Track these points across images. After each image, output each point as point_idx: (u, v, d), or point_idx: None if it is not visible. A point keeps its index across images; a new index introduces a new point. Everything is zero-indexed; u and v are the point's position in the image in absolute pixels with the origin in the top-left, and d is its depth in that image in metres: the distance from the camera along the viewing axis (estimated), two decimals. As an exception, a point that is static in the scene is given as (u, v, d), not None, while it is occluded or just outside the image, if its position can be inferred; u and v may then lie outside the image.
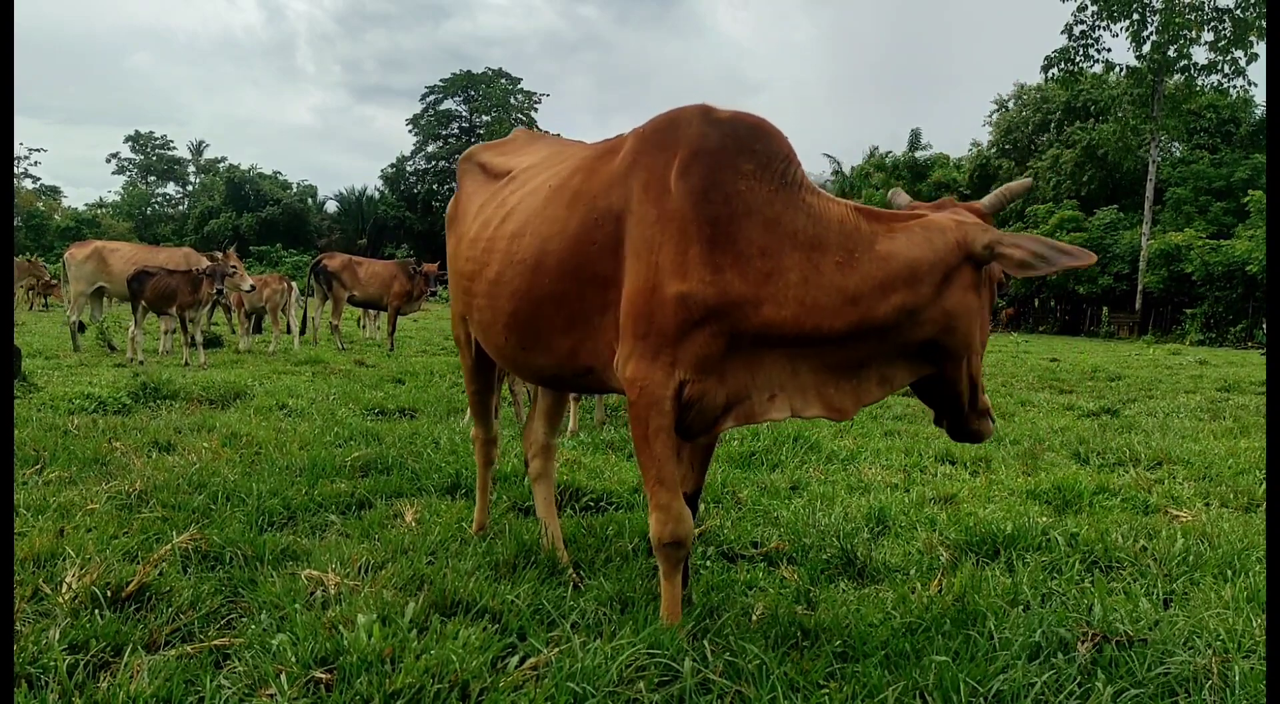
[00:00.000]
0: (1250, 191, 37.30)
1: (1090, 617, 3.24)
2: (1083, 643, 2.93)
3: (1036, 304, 47.45)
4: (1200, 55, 40.50)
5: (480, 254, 3.67)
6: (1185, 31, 39.62)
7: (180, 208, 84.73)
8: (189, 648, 2.91)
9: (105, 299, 15.90)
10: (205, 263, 14.75)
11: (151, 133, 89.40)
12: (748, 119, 3.17)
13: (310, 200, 76.49)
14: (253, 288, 13.78)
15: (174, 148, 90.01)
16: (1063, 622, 3.18)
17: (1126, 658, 2.83)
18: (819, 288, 2.99)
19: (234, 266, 13.24)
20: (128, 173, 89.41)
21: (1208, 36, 39.97)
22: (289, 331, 16.48)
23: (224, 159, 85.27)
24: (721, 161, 3.05)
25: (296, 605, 3.20)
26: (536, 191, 3.52)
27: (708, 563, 4.08)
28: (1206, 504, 5.46)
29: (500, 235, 3.56)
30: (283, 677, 2.64)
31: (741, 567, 4.08)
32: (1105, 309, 43.18)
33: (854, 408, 3.19)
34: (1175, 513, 5.08)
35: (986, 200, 3.16)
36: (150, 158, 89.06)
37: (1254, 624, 3.23)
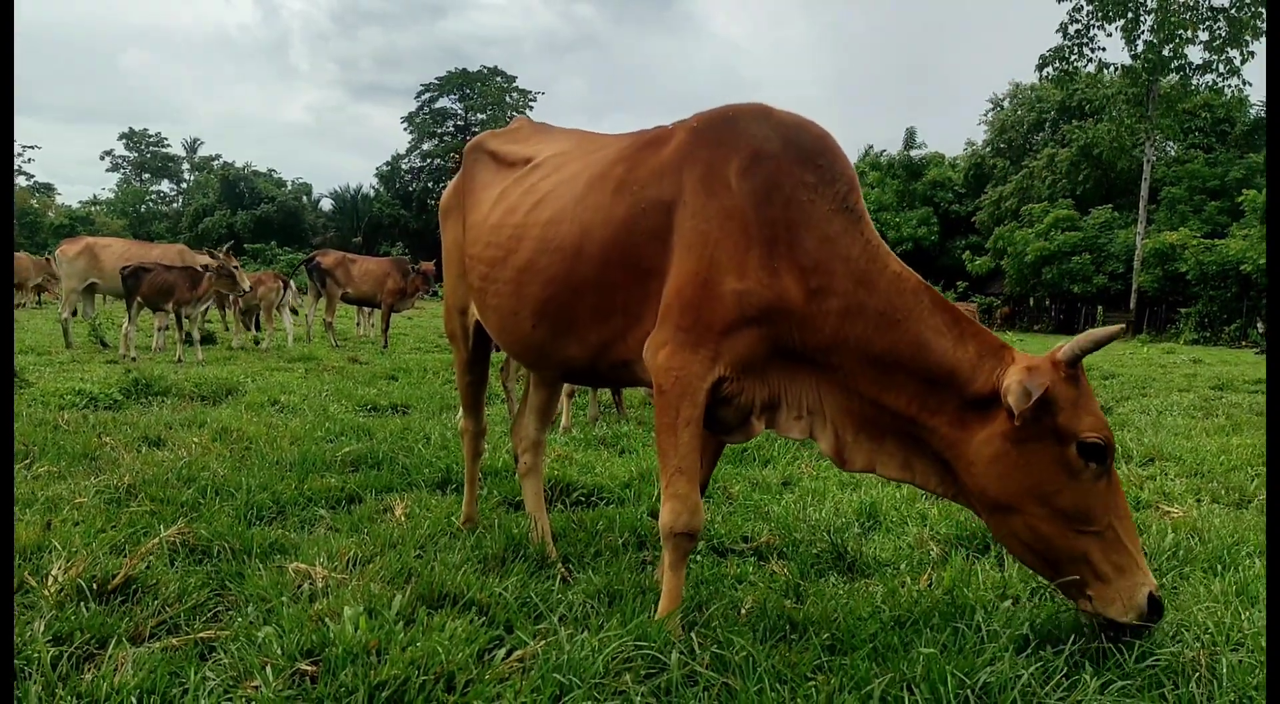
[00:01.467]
0: (1245, 191, 37.31)
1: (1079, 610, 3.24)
2: (1073, 636, 2.92)
3: (1031, 303, 47.46)
4: (1195, 55, 40.66)
5: (506, 240, 3.60)
6: (1180, 31, 39.64)
7: (175, 205, 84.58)
8: (174, 640, 2.90)
9: (99, 296, 15.87)
10: (200, 260, 14.76)
11: (146, 130, 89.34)
12: (813, 129, 3.17)
13: (305, 198, 76.39)
14: (249, 289, 13.80)
15: (168, 145, 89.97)
16: (1052, 615, 3.18)
17: (1114, 651, 2.82)
18: (855, 327, 3.02)
19: (236, 266, 13.25)
20: (122, 170, 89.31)
21: (1203, 36, 39.98)
22: (284, 328, 16.47)
23: (218, 157, 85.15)
24: (783, 167, 3.06)
25: (283, 598, 3.19)
26: (575, 179, 3.46)
27: (698, 557, 4.07)
28: (1198, 500, 5.46)
29: (533, 222, 3.50)
30: (268, 669, 2.62)
31: (732, 561, 4.08)
32: (1100, 308, 43.18)
33: (861, 466, 3.18)
34: (1167, 509, 5.08)
35: (1062, 349, 2.92)
36: (145, 155, 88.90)
37: (1242, 618, 3.23)
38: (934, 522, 4.65)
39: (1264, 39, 38.92)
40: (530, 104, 77.12)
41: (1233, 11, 39.33)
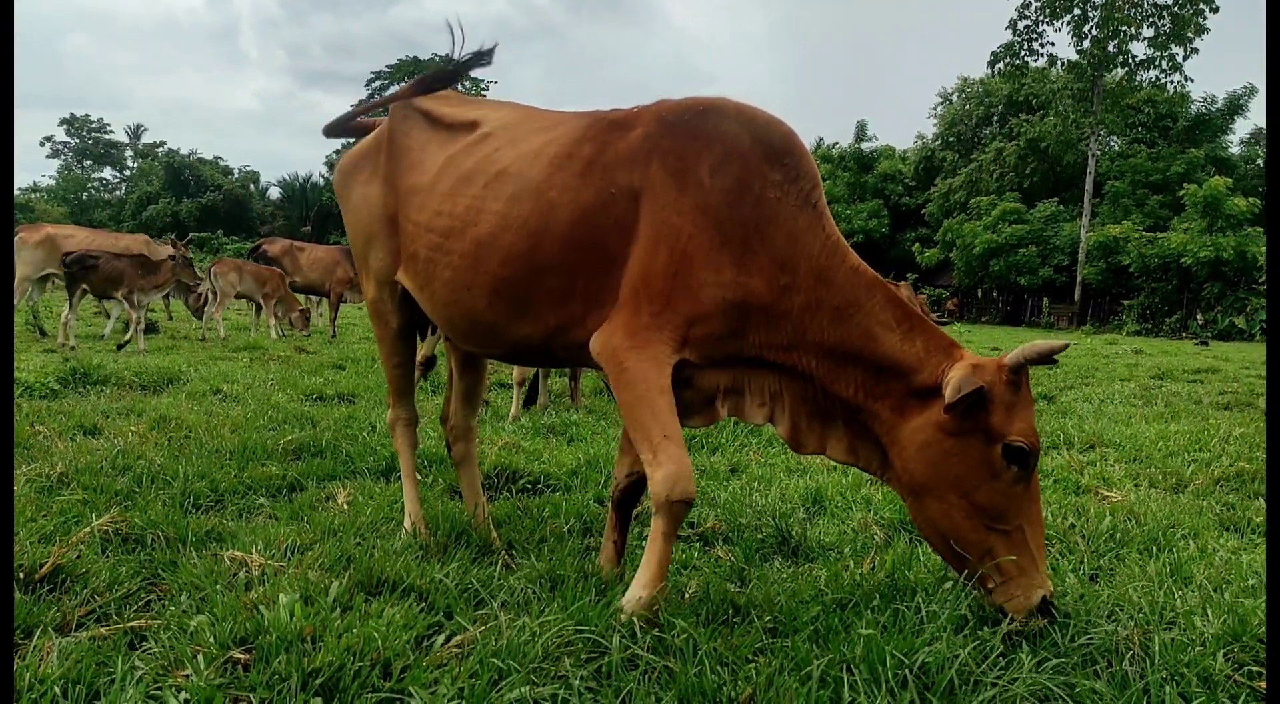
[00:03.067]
0: (1186, 185, 38.13)
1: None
2: (1009, 616, 2.95)
3: (979, 295, 48.15)
4: (1139, 50, 41.36)
5: (463, 211, 3.43)
6: (1124, 27, 40.37)
7: (117, 193, 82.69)
8: (103, 630, 2.82)
9: (48, 285, 15.47)
10: (164, 251, 14.55)
11: (88, 116, 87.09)
12: (781, 128, 3.21)
13: (253, 186, 75.18)
14: (199, 281, 13.68)
15: (111, 132, 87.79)
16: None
17: (1050, 630, 2.86)
18: (813, 321, 3.11)
19: (187, 258, 13.12)
20: (63, 157, 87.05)
21: (1147, 32, 40.79)
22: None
23: (163, 143, 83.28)
24: (753, 165, 3.09)
25: (218, 586, 3.12)
26: (538, 155, 3.34)
27: (643, 544, 4.05)
28: (1136, 485, 5.56)
29: (494, 196, 3.36)
30: (199, 657, 2.56)
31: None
32: (1046, 300, 43.94)
33: (813, 449, 3.26)
34: (1105, 493, 5.16)
35: (1009, 356, 2.97)
36: (86, 142, 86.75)
37: (1175, 597, 3.29)
38: (878, 506, 4.68)
39: (1200, 37, 39.74)
40: (483, 93, 76.44)
41: (1175, 8, 40.12)
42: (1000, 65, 43.99)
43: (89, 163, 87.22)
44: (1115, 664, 2.71)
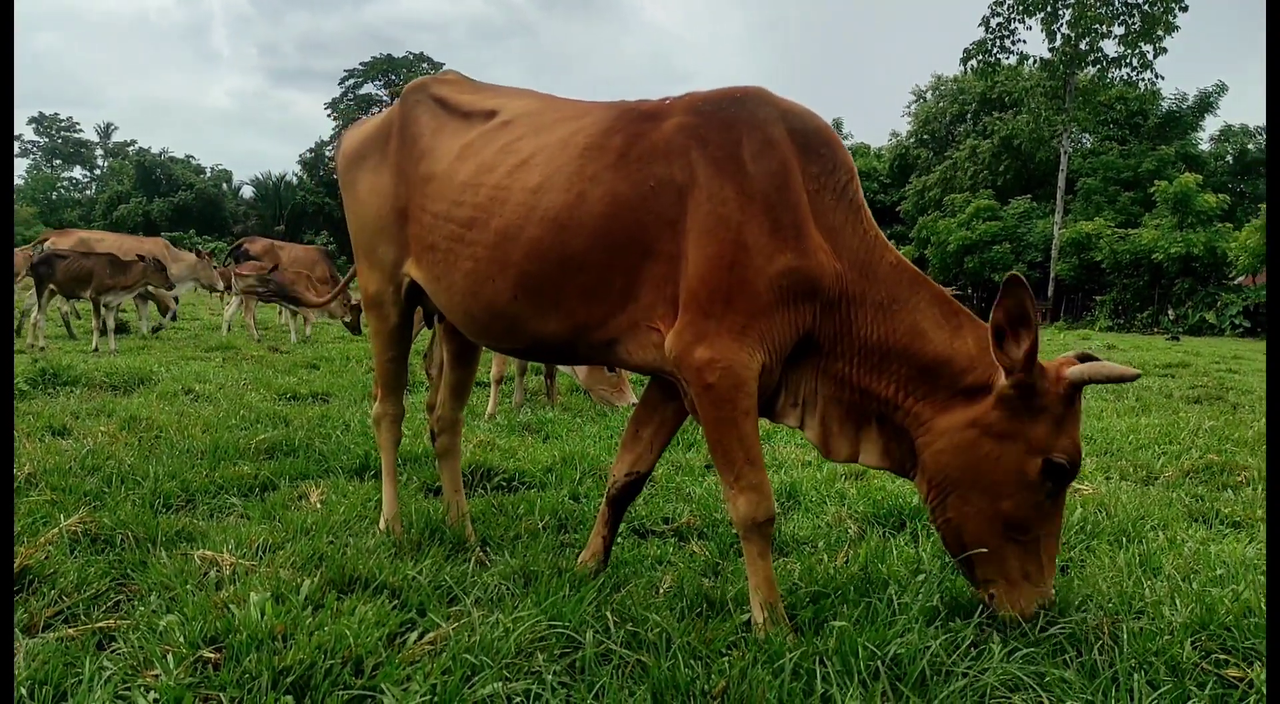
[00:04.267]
0: (1156, 182, 38.52)
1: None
2: (980, 607, 2.98)
3: (954, 292, 48.45)
4: (1110, 48, 41.74)
5: (485, 201, 3.29)
6: (1096, 25, 40.74)
7: (87, 193, 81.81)
8: (71, 631, 2.80)
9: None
10: (187, 258, 15.24)
11: (56, 115, 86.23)
12: (814, 119, 3.15)
13: (225, 185, 74.53)
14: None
15: (80, 130, 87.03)
16: (961, 588, 3.23)
17: (1020, 620, 2.88)
18: (858, 315, 3.04)
19: (214, 265, 13.41)
20: (31, 156, 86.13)
21: (1118, 30, 41.17)
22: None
23: (134, 142, 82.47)
24: (790, 154, 3.02)
25: (188, 586, 3.09)
26: (565, 145, 3.21)
27: (619, 540, 4.05)
28: (1107, 478, 5.61)
29: (518, 186, 3.22)
30: (169, 657, 2.54)
31: (652, 542, 4.07)
32: (1019, 296, 44.21)
33: (846, 455, 3.18)
34: (1077, 486, 5.20)
35: (1074, 370, 2.87)
36: (55, 141, 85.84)
37: (1144, 587, 3.33)
38: (852, 501, 4.70)
39: (1170, 35, 40.16)
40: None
41: (1145, 7, 40.51)
42: (973, 62, 44.25)
43: (58, 162, 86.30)
44: (1085, 653, 2.73)
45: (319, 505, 4.35)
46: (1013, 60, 44.17)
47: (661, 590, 3.33)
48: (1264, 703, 2.47)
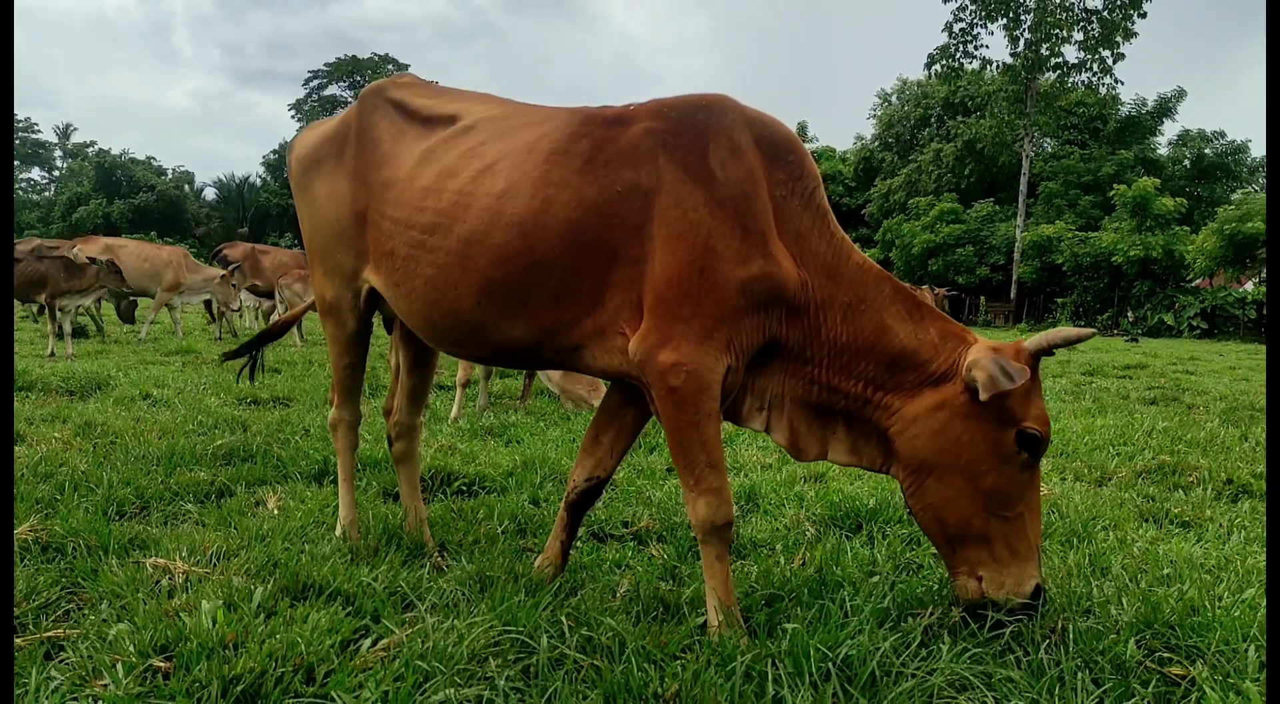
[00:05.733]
0: (1116, 186, 39.10)
1: (940, 584, 3.35)
2: (931, 608, 3.02)
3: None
4: (1071, 54, 42.35)
5: (448, 207, 3.26)
6: (1056, 30, 41.31)
7: (46, 194, 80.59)
8: (19, 640, 2.76)
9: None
10: (210, 270, 16.08)
11: (14, 115, 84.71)
12: (781, 127, 3.18)
13: (187, 187, 73.62)
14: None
15: (38, 131, 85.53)
16: (913, 590, 3.27)
17: (969, 620, 2.92)
18: (826, 318, 3.08)
19: (234, 284, 13.59)
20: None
21: (1078, 36, 41.77)
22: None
23: (93, 143, 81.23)
24: (757, 162, 3.05)
25: (140, 594, 3.06)
26: (531, 150, 3.20)
27: (578, 543, 4.06)
28: (1062, 478, 5.69)
29: (483, 191, 3.20)
30: (118, 666, 2.52)
31: (611, 546, 4.08)
32: (983, 299, 44.71)
33: (815, 454, 3.21)
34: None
35: (1031, 341, 2.99)
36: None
37: (1092, 586, 3.38)
38: (810, 503, 4.74)
39: (1129, 42, 40.75)
40: (423, 93, 75.73)
41: (1105, 13, 41.14)
42: (937, 67, 44.70)
43: (16, 163, 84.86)
44: (1032, 653, 2.78)
45: (276, 511, 4.32)
46: (976, 65, 44.67)
47: (618, 594, 3.34)
48: (1205, 702, 2.52)
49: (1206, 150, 46.02)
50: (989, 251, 43.82)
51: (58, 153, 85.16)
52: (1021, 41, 42.17)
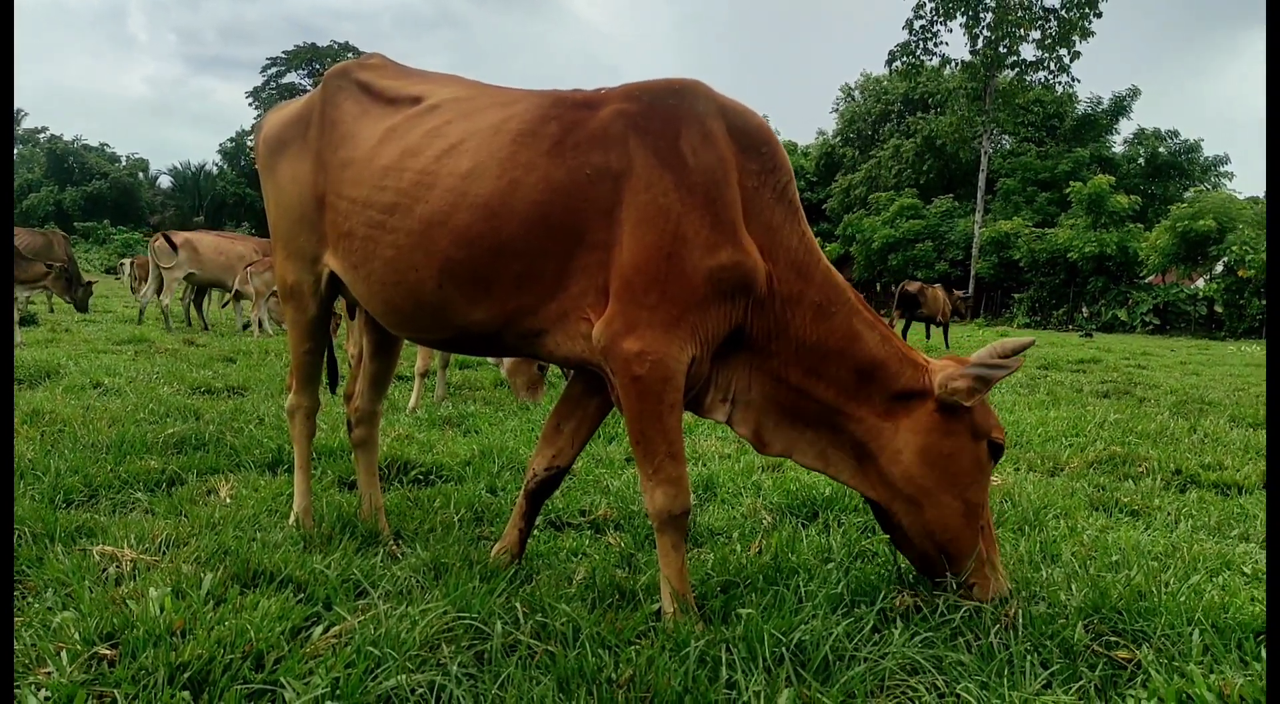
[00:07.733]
0: (1072, 183, 39.68)
1: (893, 570, 3.38)
2: (884, 594, 3.04)
3: (879, 289, 49.26)
4: (1029, 52, 42.89)
5: (409, 186, 3.18)
6: (1015, 29, 41.79)
7: (-4, 180, 78.84)
8: (-41, 629, 2.70)
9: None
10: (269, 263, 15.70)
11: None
12: (754, 118, 3.14)
13: (142, 175, 72.48)
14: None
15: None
16: (868, 576, 3.30)
17: (921, 606, 2.95)
18: (794, 316, 3.07)
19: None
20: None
21: (1035, 35, 42.29)
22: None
23: (45, 129, 79.50)
24: (729, 151, 3.01)
25: (86, 582, 3.00)
26: (497, 131, 3.13)
27: (536, 532, 4.04)
28: (1015, 469, 5.76)
29: (446, 171, 3.12)
30: (62, 654, 2.47)
31: (569, 534, 4.08)
32: (942, 293, 45.19)
33: (779, 450, 3.21)
34: (986, 476, 5.34)
35: (981, 353, 3.07)
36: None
37: (1043, 572, 3.43)
38: (768, 492, 4.76)
39: (1085, 41, 41.30)
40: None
41: (1063, 13, 41.67)
42: (898, 63, 45.06)
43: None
44: (983, 637, 2.80)
45: (228, 500, 4.26)
46: (935, 62, 45.09)
47: (574, 581, 3.33)
48: (1150, 684, 2.56)
49: (1160, 149, 46.82)
50: (948, 247, 44.31)
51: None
52: (980, 39, 42.63)
